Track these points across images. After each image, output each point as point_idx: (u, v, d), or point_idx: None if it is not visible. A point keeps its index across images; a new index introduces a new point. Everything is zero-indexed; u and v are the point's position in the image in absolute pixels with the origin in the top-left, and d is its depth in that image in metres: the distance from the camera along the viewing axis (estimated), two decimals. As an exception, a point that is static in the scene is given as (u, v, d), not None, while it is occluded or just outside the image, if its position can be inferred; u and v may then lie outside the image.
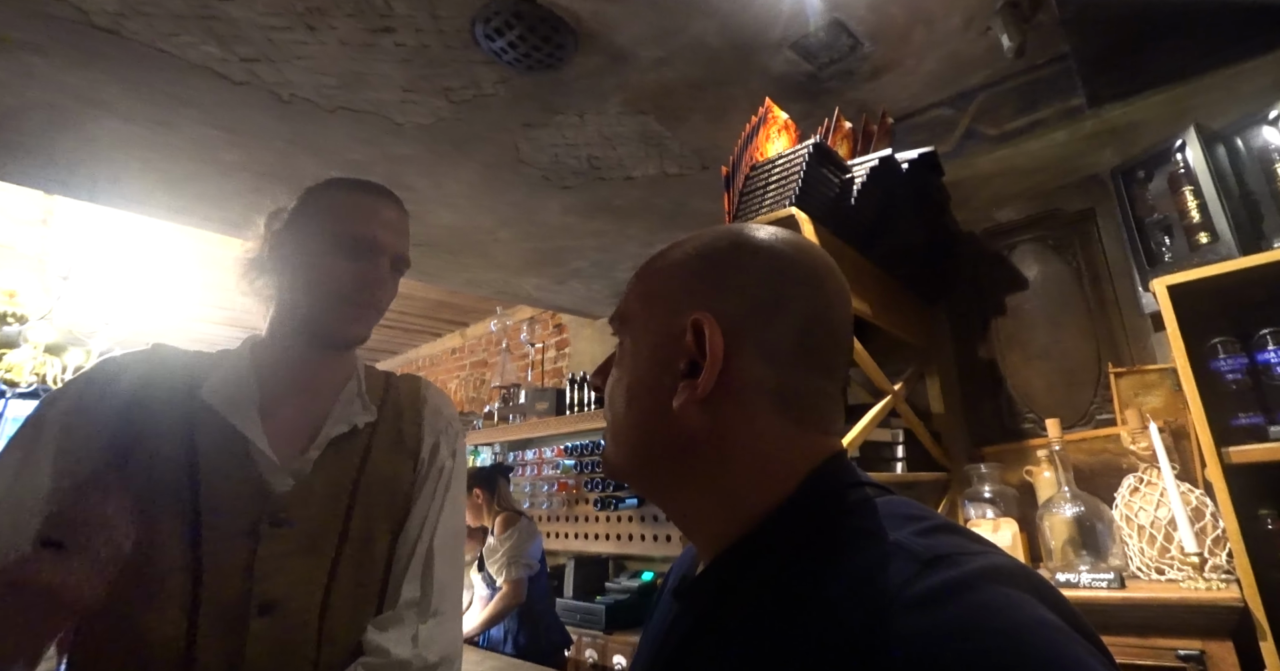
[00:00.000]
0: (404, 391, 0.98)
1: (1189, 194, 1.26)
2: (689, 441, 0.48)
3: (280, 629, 0.76)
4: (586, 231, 2.66)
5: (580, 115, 1.95)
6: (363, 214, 0.88)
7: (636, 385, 0.51)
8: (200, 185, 2.24)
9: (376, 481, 0.88)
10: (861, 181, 1.34)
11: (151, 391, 0.81)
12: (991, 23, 1.56)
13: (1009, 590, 0.35)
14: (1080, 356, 1.58)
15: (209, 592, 0.74)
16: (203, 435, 0.80)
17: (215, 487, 0.78)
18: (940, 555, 0.37)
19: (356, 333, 0.89)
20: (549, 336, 4.09)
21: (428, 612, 0.86)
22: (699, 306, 0.48)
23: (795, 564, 0.42)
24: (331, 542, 0.82)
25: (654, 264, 0.55)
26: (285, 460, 0.82)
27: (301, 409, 0.87)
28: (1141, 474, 1.30)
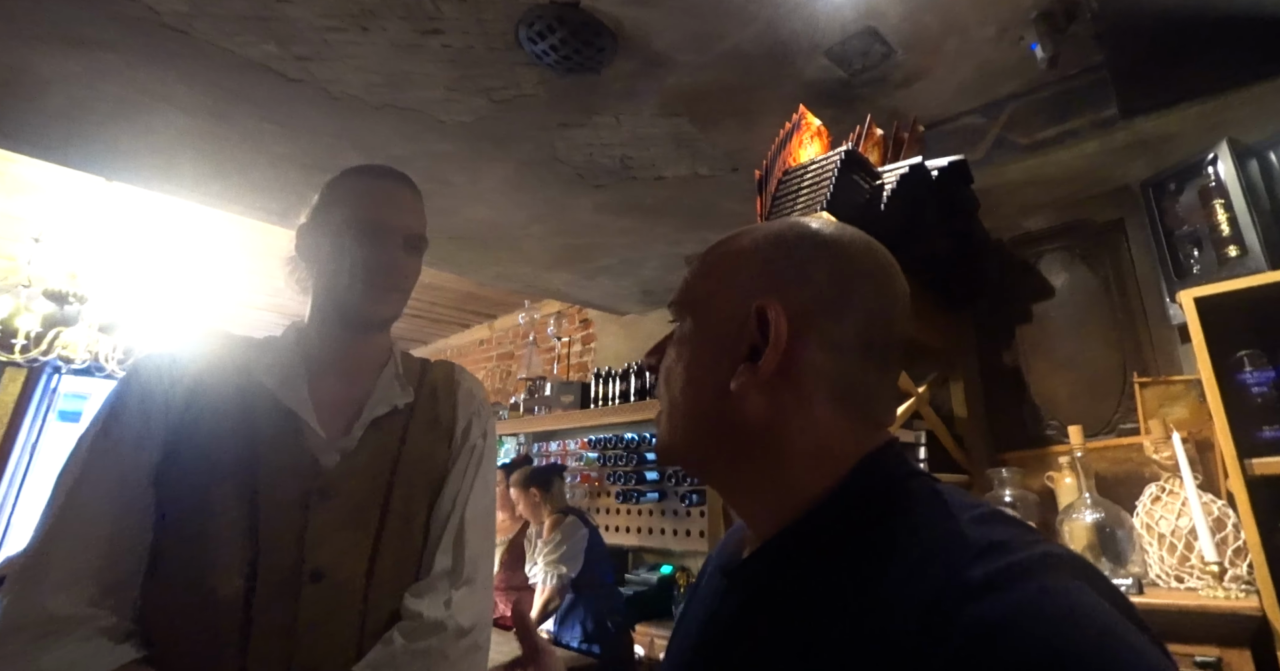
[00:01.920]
0: (439, 375, 1.03)
1: (1219, 207, 1.27)
2: (744, 424, 0.48)
3: (329, 595, 0.81)
4: (616, 229, 2.71)
5: (616, 116, 2.00)
6: (371, 198, 0.93)
7: (695, 366, 0.52)
8: (249, 175, 2.34)
9: (415, 459, 0.93)
10: (891, 188, 1.37)
11: (213, 372, 0.88)
12: (1025, 33, 1.57)
13: (1064, 578, 0.35)
14: (1105, 365, 1.59)
15: (265, 559, 0.79)
16: (259, 413, 0.86)
17: (271, 461, 0.84)
18: (995, 542, 0.37)
19: (381, 313, 0.93)
20: (575, 331, 4.16)
21: (460, 580, 0.91)
22: (766, 293, 0.49)
23: (848, 548, 0.43)
24: (374, 516, 0.87)
25: (720, 249, 0.56)
26: (332, 437, 0.88)
27: (344, 389, 0.93)
28: (1164, 483, 1.31)
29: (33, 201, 3.03)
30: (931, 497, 0.44)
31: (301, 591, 0.79)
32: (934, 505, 0.43)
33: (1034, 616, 0.32)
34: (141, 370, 0.86)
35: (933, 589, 0.36)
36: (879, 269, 0.51)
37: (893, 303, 0.51)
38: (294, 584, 0.79)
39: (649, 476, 3.25)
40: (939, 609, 0.34)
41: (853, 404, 0.48)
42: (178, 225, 3.23)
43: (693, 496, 2.99)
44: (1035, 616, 0.32)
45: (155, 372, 0.86)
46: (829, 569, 0.43)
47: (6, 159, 2.58)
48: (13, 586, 0.73)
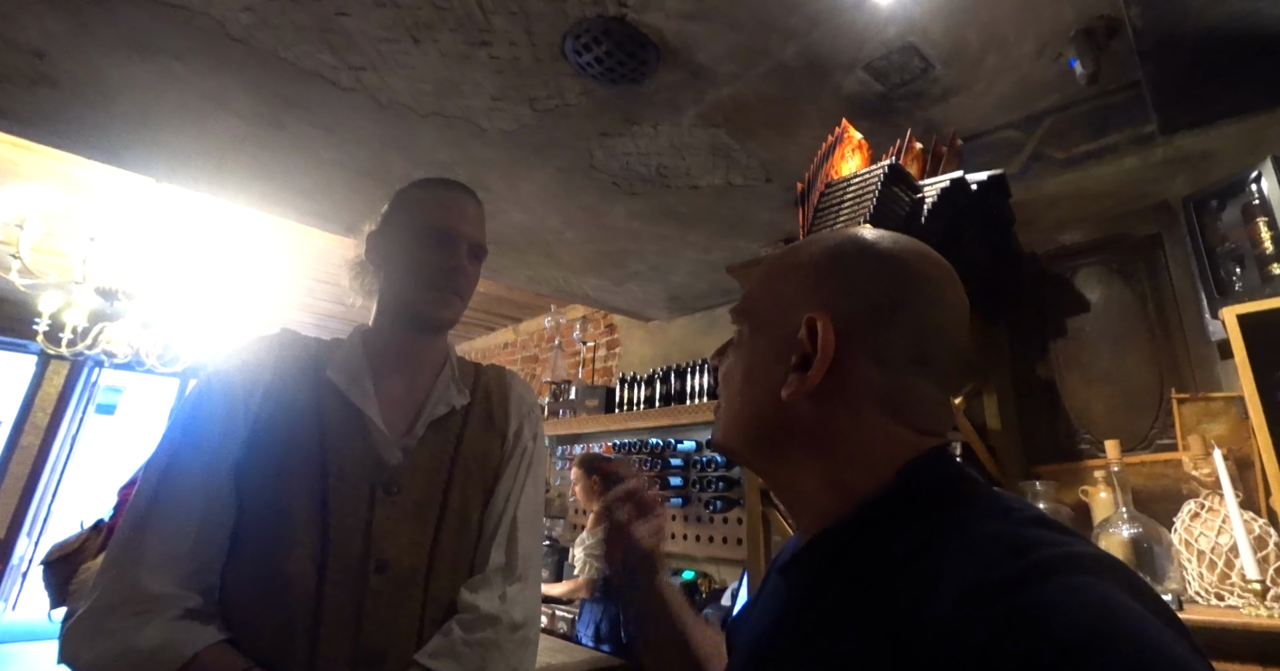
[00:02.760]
0: (492, 378, 1.08)
1: (1263, 225, 1.27)
2: (794, 429, 0.51)
3: (393, 585, 0.85)
4: (649, 236, 2.75)
5: (655, 126, 2.05)
6: (441, 207, 0.98)
7: (751, 371, 0.55)
8: (296, 179, 2.42)
9: (471, 457, 0.97)
10: (932, 201, 1.39)
11: (288, 369, 0.93)
12: (1065, 49, 1.59)
13: (1092, 576, 0.36)
14: (1142, 381, 1.59)
15: (335, 548, 0.83)
16: (329, 409, 0.91)
17: (340, 456, 0.88)
18: (1030, 543, 0.38)
19: (445, 316, 0.98)
20: (600, 335, 4.21)
21: (513, 576, 0.95)
22: (817, 305, 0.51)
23: (892, 543, 0.44)
24: (434, 511, 0.91)
25: (779, 261, 0.58)
26: (395, 435, 0.92)
27: (405, 389, 0.97)
28: (1203, 500, 1.31)
29: (88, 201, 3.15)
30: (978, 499, 0.46)
31: (368, 580, 0.84)
32: (980, 505, 0.45)
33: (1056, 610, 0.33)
34: (225, 366, 0.91)
35: (962, 586, 0.37)
36: (933, 280, 0.52)
37: (947, 313, 0.52)
38: (361, 573, 0.84)
39: (673, 481, 3.28)
40: (970, 601, 0.36)
41: (902, 413, 0.49)
42: (218, 226, 3.33)
43: (717, 502, 3.01)
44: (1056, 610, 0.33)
45: (239, 369, 0.91)
46: (869, 566, 0.45)
47: (67, 161, 2.69)
48: (112, 565, 0.78)
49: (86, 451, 5.96)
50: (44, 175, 2.93)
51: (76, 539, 2.26)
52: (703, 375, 3.20)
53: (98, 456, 7.92)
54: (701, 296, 3.40)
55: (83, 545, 2.23)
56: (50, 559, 2.24)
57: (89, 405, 5.56)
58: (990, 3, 1.50)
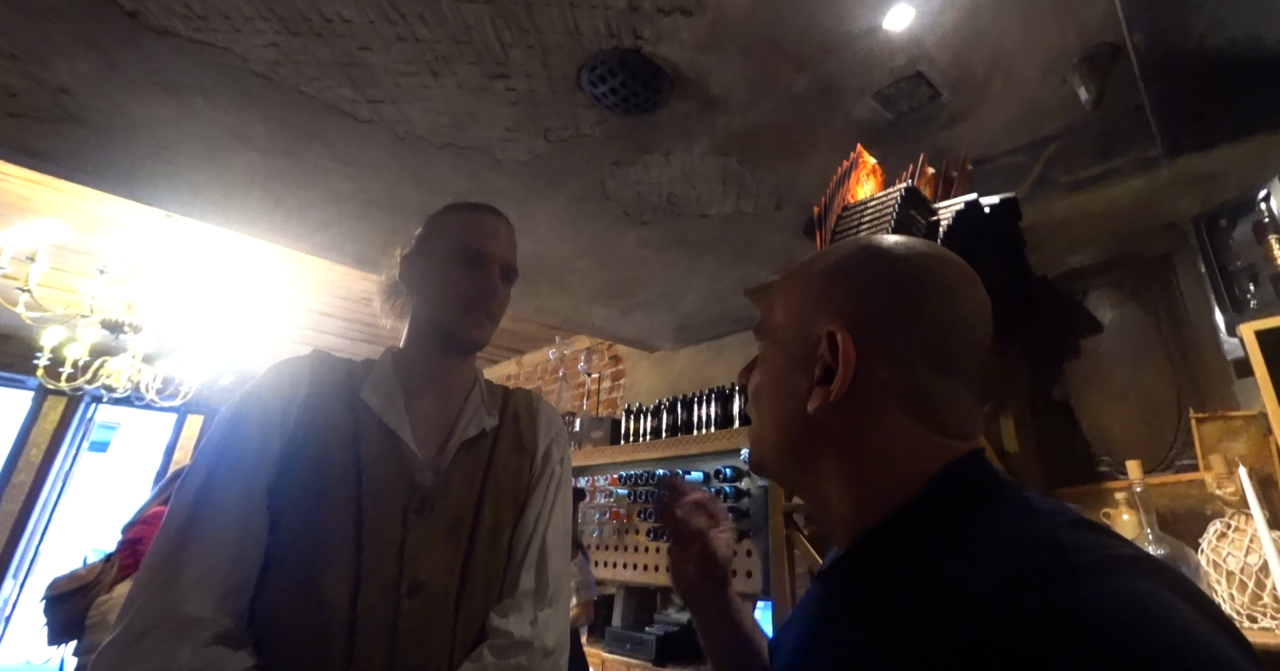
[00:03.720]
0: (520, 401, 1.08)
1: (1275, 241, 1.30)
2: (824, 440, 0.52)
3: (425, 605, 0.85)
4: (659, 264, 2.78)
5: (667, 154, 2.09)
6: (474, 230, 1.01)
7: (776, 388, 0.56)
8: (311, 212, 2.45)
9: (501, 479, 0.97)
10: (948, 224, 1.42)
11: (322, 390, 0.93)
12: (1069, 76, 1.64)
13: (1142, 579, 0.35)
14: (1159, 401, 1.59)
15: (368, 568, 0.83)
16: (363, 431, 0.91)
17: (374, 476, 0.88)
18: (1077, 546, 0.37)
19: (476, 337, 0.99)
20: (605, 367, 4.20)
21: (544, 601, 0.94)
22: (832, 316, 0.51)
23: (930, 544, 0.44)
24: (465, 532, 0.91)
25: (795, 275, 0.59)
26: (427, 456, 0.93)
27: (436, 410, 0.98)
28: (1229, 519, 1.30)
29: (99, 234, 3.17)
30: (1017, 501, 0.45)
31: (401, 601, 0.83)
32: (1019, 507, 0.44)
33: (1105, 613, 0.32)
34: (260, 386, 0.92)
35: (1005, 588, 0.36)
36: (947, 278, 0.52)
37: (964, 312, 0.51)
38: (394, 594, 0.83)
39: (682, 512, 3.23)
40: (1012, 606, 0.35)
41: (926, 415, 0.49)
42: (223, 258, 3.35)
43: (729, 533, 2.96)
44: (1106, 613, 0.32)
45: (273, 389, 0.91)
46: (905, 570, 0.44)
47: (81, 195, 2.72)
48: (145, 586, 0.76)
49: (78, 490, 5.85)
50: (58, 210, 2.96)
51: (86, 570, 2.20)
52: (711, 405, 3.19)
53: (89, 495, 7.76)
54: (709, 325, 3.41)
55: (97, 578, 2.18)
56: (59, 591, 2.18)
57: (84, 442, 5.48)
58: (996, 31, 1.55)
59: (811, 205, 2.30)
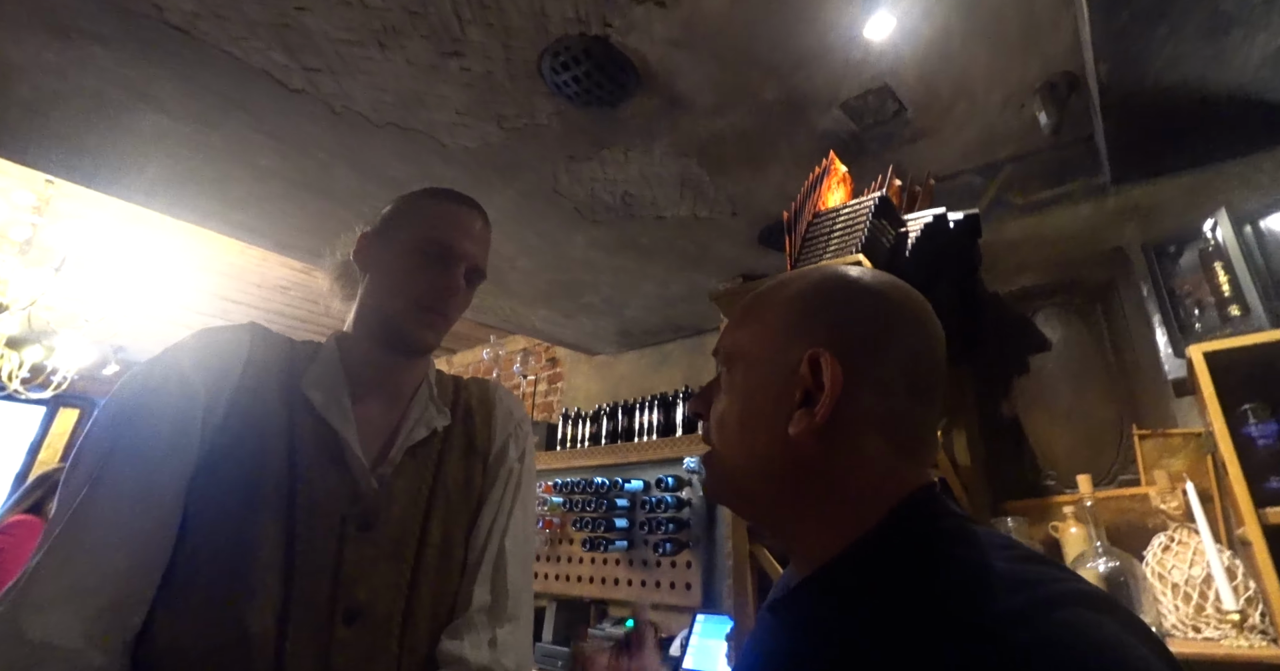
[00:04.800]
0: (474, 394, 0.97)
1: (1220, 269, 1.37)
2: (799, 466, 0.51)
3: (365, 636, 0.74)
4: (607, 267, 2.69)
5: (626, 152, 2.01)
6: (446, 220, 0.89)
7: (749, 414, 0.54)
8: (228, 187, 2.21)
9: (451, 486, 0.87)
10: (915, 236, 1.41)
11: (261, 373, 0.80)
12: (1030, 102, 1.69)
13: (1092, 612, 0.36)
14: (1102, 418, 1.65)
15: (298, 594, 0.71)
16: (301, 429, 0.79)
17: (312, 486, 0.76)
18: (1028, 579, 0.39)
19: (425, 339, 0.87)
20: (542, 370, 4.07)
21: (502, 618, 0.83)
22: (814, 341, 0.51)
23: (886, 580, 0.45)
24: (412, 548, 0.80)
25: (764, 300, 0.58)
26: (371, 463, 0.81)
27: (381, 412, 0.87)
28: (1172, 533, 1.35)
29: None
30: (968, 537, 0.46)
31: (335, 632, 0.72)
32: (970, 544, 0.45)
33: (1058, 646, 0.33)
34: (182, 358, 0.77)
35: (960, 622, 0.37)
36: (916, 311, 0.54)
37: (932, 341, 0.54)
38: (328, 622, 0.72)
39: (618, 524, 3.14)
40: (965, 640, 0.36)
41: (900, 441, 0.51)
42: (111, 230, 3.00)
43: (666, 545, 2.89)
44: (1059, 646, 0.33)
45: (202, 363, 0.77)
46: (867, 600, 0.45)
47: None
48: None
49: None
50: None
51: None
52: (653, 412, 3.12)
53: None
54: (653, 331, 3.35)
55: None
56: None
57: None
58: (966, 53, 1.57)
59: (767, 215, 2.29)
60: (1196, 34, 1.29)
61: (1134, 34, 1.30)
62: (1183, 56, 1.34)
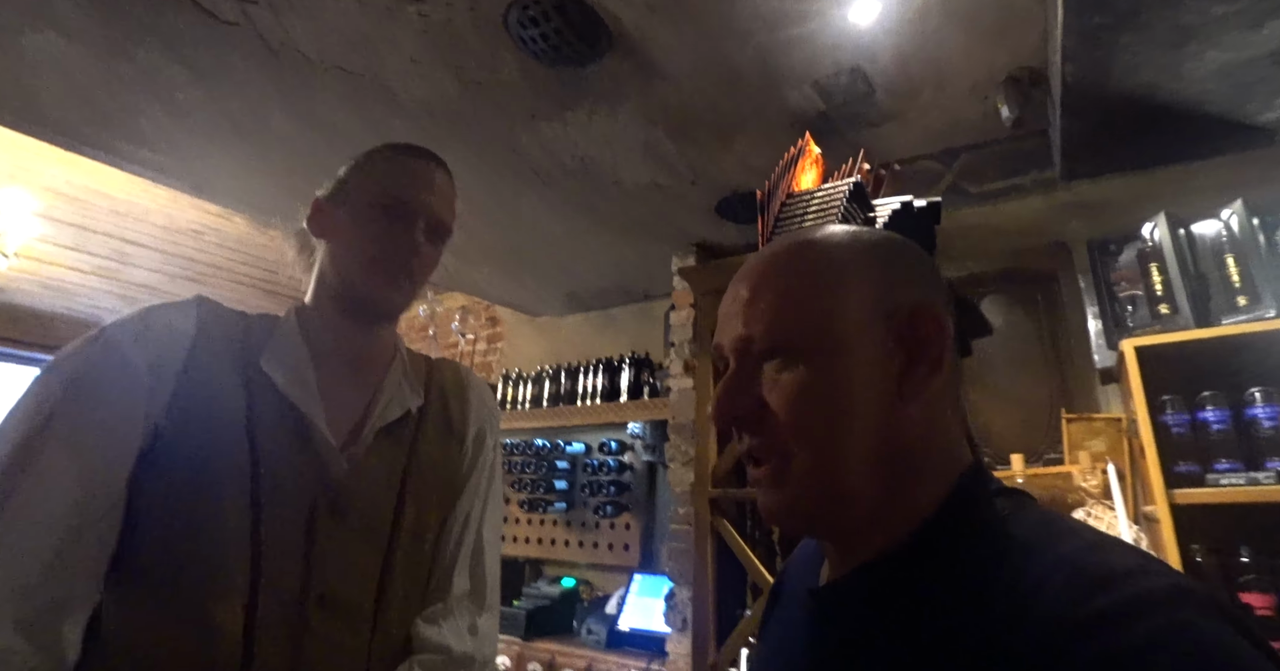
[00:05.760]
0: (447, 376, 0.94)
1: (1155, 270, 1.47)
2: (905, 445, 0.44)
3: (337, 623, 0.72)
4: (559, 230, 2.61)
5: (590, 115, 1.93)
6: (401, 175, 0.84)
7: (843, 403, 0.45)
8: (137, 122, 1.98)
9: (426, 468, 0.84)
10: (883, 222, 1.43)
11: (211, 352, 0.75)
12: (994, 93, 1.73)
13: (1198, 612, 0.32)
14: (1036, 401, 1.78)
15: (267, 581, 0.69)
16: (263, 410, 0.74)
17: (276, 469, 0.72)
18: (1117, 571, 0.34)
19: (392, 299, 0.83)
20: (482, 328, 3.96)
21: (482, 606, 0.84)
22: (905, 297, 0.46)
23: (954, 575, 0.41)
24: (385, 532, 0.78)
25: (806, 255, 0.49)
26: (341, 443, 0.78)
27: (350, 388, 0.82)
28: (1090, 508, 1.49)
29: None
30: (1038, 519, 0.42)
31: (306, 619, 0.70)
32: (1043, 527, 0.41)
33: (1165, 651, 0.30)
34: (124, 335, 0.72)
35: (1045, 623, 0.33)
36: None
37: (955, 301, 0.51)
38: (299, 610, 0.70)
39: (558, 485, 3.16)
40: (1057, 640, 0.32)
41: (957, 408, 0.47)
42: None
43: (608, 507, 2.95)
44: (1166, 651, 0.30)
45: (145, 342, 0.72)
46: (933, 599, 0.41)
47: None
48: None
49: None
50: None
51: None
52: (598, 376, 3.12)
53: None
54: (600, 295, 3.31)
55: None
56: None
57: None
58: (938, 41, 1.58)
59: (727, 186, 2.27)
60: (1156, 44, 1.35)
61: (1102, 39, 1.34)
62: (1142, 64, 1.40)
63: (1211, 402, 1.37)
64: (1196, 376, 1.39)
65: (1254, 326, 1.35)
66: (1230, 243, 1.45)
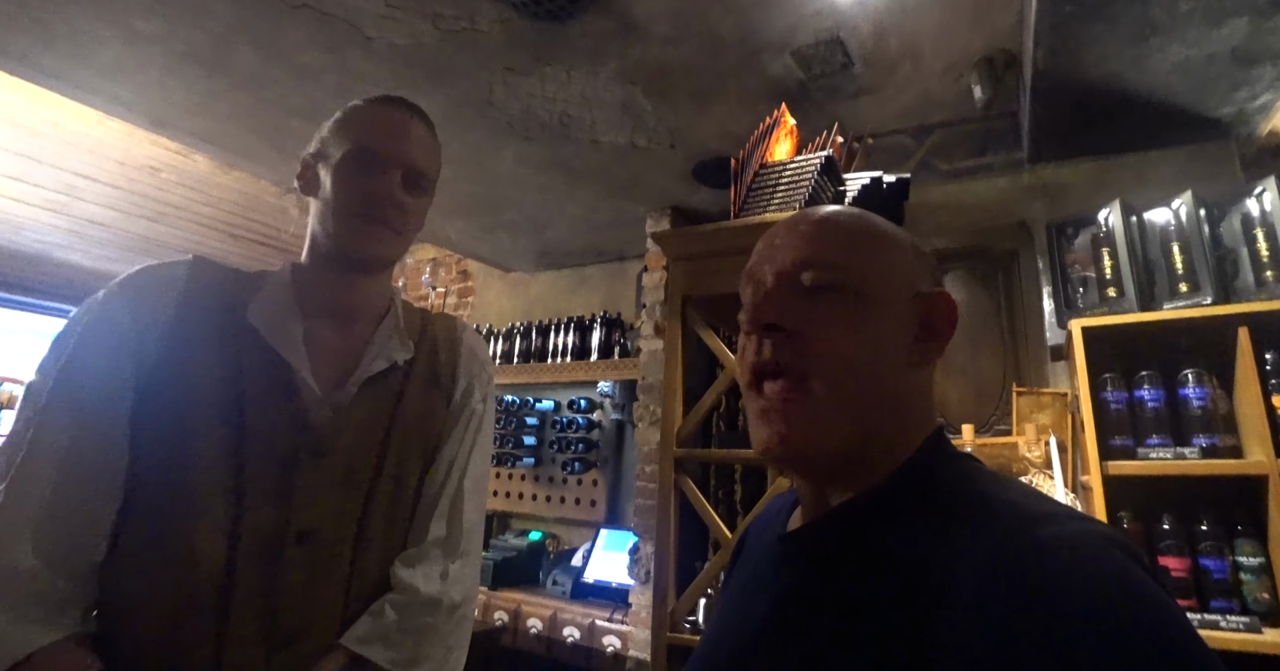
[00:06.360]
0: (440, 330, 0.97)
1: (1106, 254, 1.53)
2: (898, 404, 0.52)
3: (315, 557, 0.76)
4: (534, 186, 2.59)
5: (569, 71, 1.90)
6: (373, 125, 0.85)
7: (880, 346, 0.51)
8: (94, 51, 1.89)
9: (410, 419, 0.88)
10: (852, 196, 1.46)
11: (196, 307, 0.80)
12: (968, 74, 1.75)
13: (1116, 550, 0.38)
14: (989, 375, 1.86)
15: (249, 517, 0.74)
16: (248, 359, 0.79)
17: (260, 414, 0.77)
18: (1051, 512, 0.41)
19: (375, 251, 0.85)
20: (452, 282, 3.92)
21: (455, 552, 0.87)
22: (924, 277, 0.55)
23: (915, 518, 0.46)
24: (366, 476, 0.82)
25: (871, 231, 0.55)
26: (325, 390, 0.81)
27: (338, 338, 0.86)
28: (1032, 477, 1.58)
29: None
30: (986, 474, 0.49)
31: (285, 553, 0.75)
32: (991, 480, 0.48)
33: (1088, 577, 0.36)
34: (112, 299, 0.79)
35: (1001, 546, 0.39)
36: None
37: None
38: (278, 545, 0.75)
39: (527, 441, 3.21)
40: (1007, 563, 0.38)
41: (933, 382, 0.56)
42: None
43: (576, 464, 3.01)
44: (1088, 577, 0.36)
45: (128, 303, 0.78)
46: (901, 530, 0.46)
47: None
48: None
49: None
50: None
51: None
52: (569, 334, 3.14)
53: None
54: (574, 254, 3.30)
55: None
56: None
57: None
58: (918, 17, 1.58)
59: (705, 150, 2.27)
60: (1125, 36, 1.38)
61: (1074, 27, 1.37)
62: (1110, 55, 1.43)
63: (1148, 382, 1.45)
64: (1136, 357, 1.47)
65: (1192, 312, 1.42)
66: (1177, 231, 1.52)
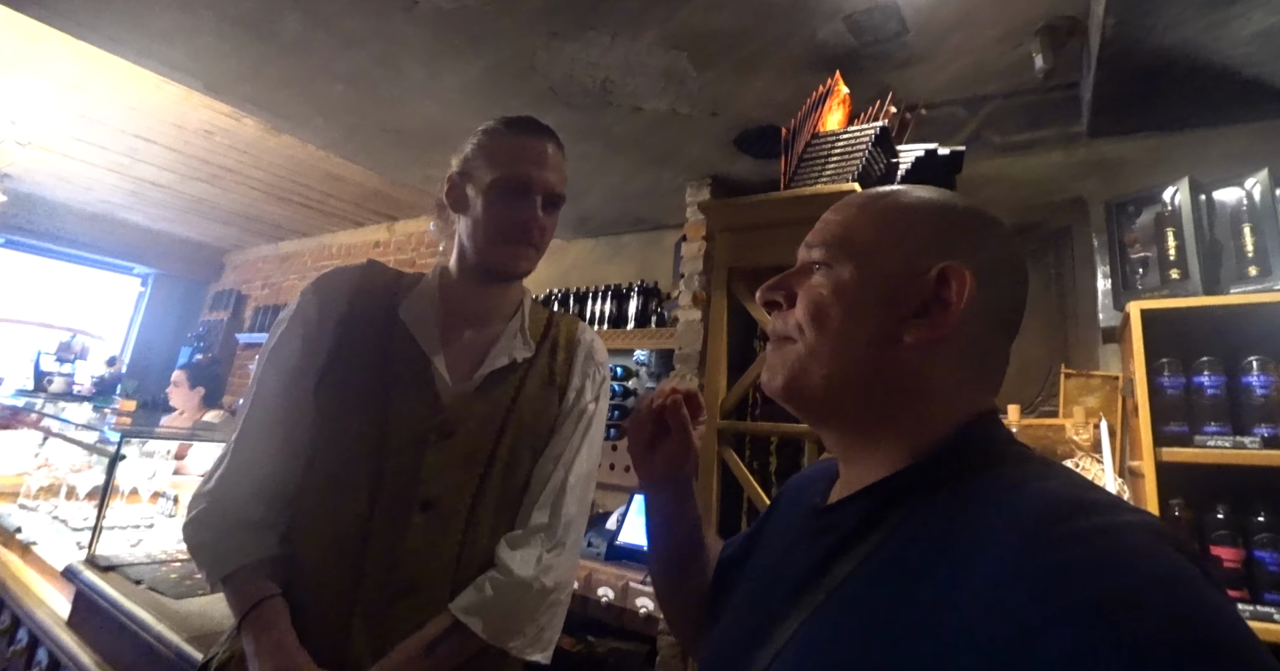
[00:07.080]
0: (562, 331, 1.07)
1: (1171, 234, 1.46)
2: (892, 376, 0.51)
3: (434, 524, 0.90)
4: (573, 154, 2.50)
5: (613, 36, 1.86)
6: (517, 155, 0.96)
7: (854, 313, 0.53)
8: (151, 18, 1.92)
9: (525, 412, 0.98)
10: (906, 168, 1.42)
11: (363, 302, 0.98)
12: (1027, 41, 1.66)
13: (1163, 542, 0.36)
14: (1036, 355, 1.81)
15: (386, 488, 0.89)
16: (397, 350, 0.95)
17: (402, 398, 0.92)
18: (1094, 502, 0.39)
19: (518, 268, 0.98)
20: (489, 250, 3.94)
21: (553, 541, 0.96)
22: (946, 256, 0.51)
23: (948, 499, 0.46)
24: (482, 459, 0.94)
25: (885, 202, 0.57)
26: (455, 381, 0.95)
27: (472, 337, 1.00)
28: (1078, 460, 1.55)
29: None
30: (1029, 459, 0.48)
31: (411, 518, 0.89)
32: (1032, 465, 0.46)
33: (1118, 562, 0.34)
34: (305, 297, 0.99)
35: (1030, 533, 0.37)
36: (1019, 252, 0.56)
37: (1027, 285, 0.56)
38: (406, 509, 0.89)
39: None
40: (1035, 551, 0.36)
41: (984, 370, 0.53)
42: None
43: (611, 430, 3.03)
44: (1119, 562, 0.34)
45: (316, 300, 0.98)
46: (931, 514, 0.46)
47: None
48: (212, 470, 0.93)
49: None
50: None
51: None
52: (605, 302, 3.13)
53: None
54: (610, 223, 3.28)
55: None
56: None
57: None
58: (978, -21, 1.51)
59: (748, 119, 2.22)
60: (1203, 1, 1.29)
61: (1149, -10, 1.29)
62: (1184, 21, 1.34)
63: (1208, 368, 1.39)
64: (1195, 341, 1.41)
65: (1261, 297, 1.35)
66: (1250, 212, 1.44)
